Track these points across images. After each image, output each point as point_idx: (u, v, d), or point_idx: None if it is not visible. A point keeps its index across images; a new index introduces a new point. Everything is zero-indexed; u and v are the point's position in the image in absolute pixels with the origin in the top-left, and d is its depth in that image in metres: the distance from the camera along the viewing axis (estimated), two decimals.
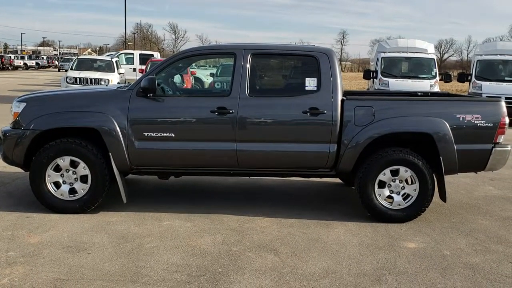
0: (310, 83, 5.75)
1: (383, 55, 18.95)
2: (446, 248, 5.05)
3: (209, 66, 23.26)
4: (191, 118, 5.70)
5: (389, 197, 5.78)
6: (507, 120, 5.82)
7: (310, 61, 5.85)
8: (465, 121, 5.70)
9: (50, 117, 5.67)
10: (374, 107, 5.71)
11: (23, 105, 5.79)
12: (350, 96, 6.04)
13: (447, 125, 5.65)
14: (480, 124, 5.72)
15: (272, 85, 6.41)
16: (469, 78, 17.97)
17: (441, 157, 5.67)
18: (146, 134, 5.64)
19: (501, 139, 5.82)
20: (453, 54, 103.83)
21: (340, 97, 5.72)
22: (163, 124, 5.66)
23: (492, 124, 5.74)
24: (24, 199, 6.21)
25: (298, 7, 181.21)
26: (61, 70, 56.63)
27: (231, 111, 5.61)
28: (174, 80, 6.58)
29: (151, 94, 5.65)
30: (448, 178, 7.81)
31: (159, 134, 5.64)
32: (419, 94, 7.42)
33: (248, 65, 5.73)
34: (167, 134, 5.64)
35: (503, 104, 5.86)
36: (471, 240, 5.32)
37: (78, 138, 5.70)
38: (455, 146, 5.66)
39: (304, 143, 5.69)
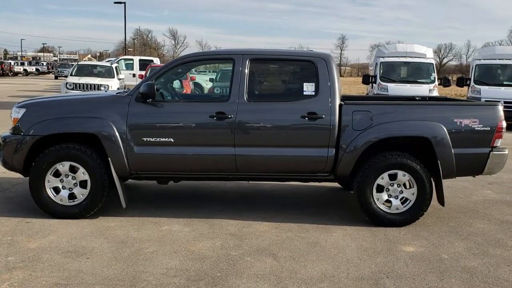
0: (308, 88, 5.78)
1: (382, 60, 18.98)
2: (444, 251, 5.07)
3: (209, 72, 23.31)
4: (190, 123, 5.73)
5: (388, 201, 5.80)
6: (504, 124, 5.84)
7: (308, 66, 5.88)
8: (463, 125, 5.73)
9: (50, 122, 5.70)
10: (372, 111, 5.74)
11: (22, 110, 5.82)
12: (348, 100, 6.07)
13: (445, 129, 5.67)
14: (478, 128, 5.75)
15: (270, 90, 6.45)
16: (468, 82, 18.00)
17: (438, 161, 5.69)
18: (145, 139, 5.66)
19: (498, 143, 5.85)
20: (452, 58, 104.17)
21: (338, 101, 5.75)
22: (162, 129, 5.69)
23: (489, 128, 5.76)
24: (24, 205, 6.23)
25: (297, 12, 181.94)
26: (58, 78, 52.84)
27: (229, 116, 5.64)
28: (173, 86, 6.60)
29: (150, 100, 5.68)
30: (446, 182, 7.85)
31: (158, 139, 5.67)
32: (417, 98, 7.45)
33: (246, 71, 5.77)
34: (166, 139, 5.67)
35: (500, 108, 5.89)
36: (469, 243, 5.34)
37: (77, 143, 5.73)
38: (452, 150, 5.68)
39: (303, 147, 5.72)
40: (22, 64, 70.12)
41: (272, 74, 6.44)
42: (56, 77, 54.57)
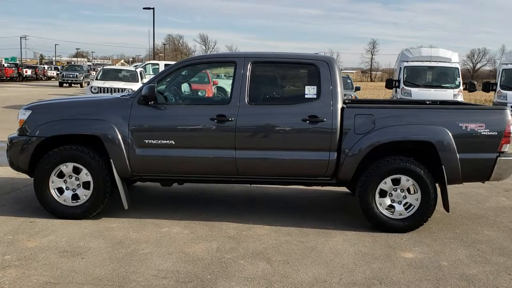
0: (310, 91, 5.73)
1: (405, 64, 18.69)
2: (444, 259, 4.94)
3: None
4: (191, 126, 5.74)
5: (390, 206, 5.69)
6: None
7: (310, 69, 5.84)
8: (468, 129, 5.59)
9: (54, 124, 5.79)
10: (375, 115, 5.65)
11: (28, 112, 5.93)
12: (351, 104, 5.99)
13: (450, 133, 5.54)
14: (484, 133, 5.60)
15: (271, 93, 6.40)
16: (494, 87, 17.56)
17: (443, 166, 5.56)
18: (146, 141, 5.70)
19: (506, 148, 5.68)
20: (486, 63, 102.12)
21: (340, 105, 5.68)
22: (163, 131, 5.72)
23: (496, 133, 5.60)
24: (31, 205, 6.33)
25: (329, 17, 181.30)
26: (71, 85, 43.58)
27: (230, 119, 5.63)
28: (178, 88, 6.63)
29: (152, 102, 5.72)
30: (460, 189, 7.69)
31: (159, 142, 5.70)
32: (428, 102, 7.31)
33: (248, 73, 5.75)
34: (167, 141, 5.69)
35: (508, 112, 5.72)
36: (472, 251, 5.19)
37: (81, 145, 5.81)
38: (458, 155, 5.54)
39: (304, 151, 5.66)
40: (56, 68, 71.70)
41: (274, 77, 6.40)
42: (61, 84, 43.39)
